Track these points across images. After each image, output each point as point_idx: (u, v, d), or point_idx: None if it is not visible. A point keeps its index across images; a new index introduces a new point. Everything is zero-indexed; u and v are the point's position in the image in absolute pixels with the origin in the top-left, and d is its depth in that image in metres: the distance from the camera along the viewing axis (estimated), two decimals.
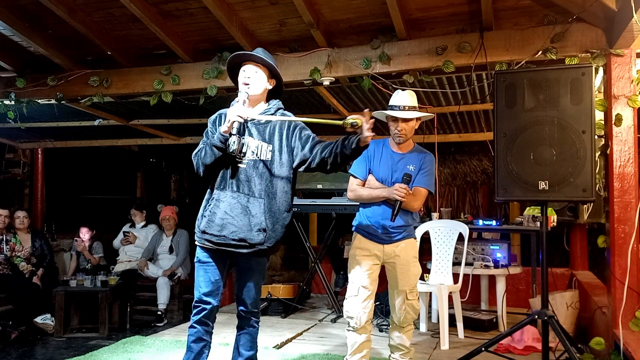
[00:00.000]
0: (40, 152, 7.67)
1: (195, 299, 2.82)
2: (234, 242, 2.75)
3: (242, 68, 2.86)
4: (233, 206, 2.75)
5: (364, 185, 3.25)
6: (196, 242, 2.86)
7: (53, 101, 4.85)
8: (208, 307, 2.79)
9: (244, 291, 2.87)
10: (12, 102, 4.88)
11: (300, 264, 7.36)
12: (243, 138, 2.83)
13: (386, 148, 3.28)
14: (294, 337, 4.45)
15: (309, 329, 4.76)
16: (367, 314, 3.20)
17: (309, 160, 2.78)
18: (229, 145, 2.79)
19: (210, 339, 2.86)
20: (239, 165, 2.77)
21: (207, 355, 2.86)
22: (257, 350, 2.97)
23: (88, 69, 4.72)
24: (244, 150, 2.80)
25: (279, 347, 4.13)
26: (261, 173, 2.79)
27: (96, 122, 6.04)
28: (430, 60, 3.87)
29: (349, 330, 3.24)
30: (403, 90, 3.26)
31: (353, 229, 3.34)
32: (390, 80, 4.10)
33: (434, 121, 5.46)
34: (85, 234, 6.22)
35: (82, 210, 8.70)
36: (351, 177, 3.29)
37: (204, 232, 2.79)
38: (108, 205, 8.89)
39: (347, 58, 4.07)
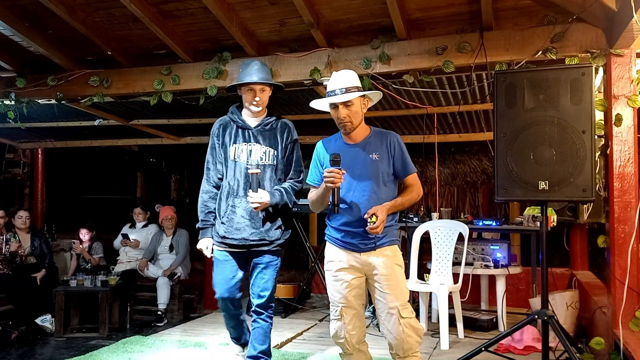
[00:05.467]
0: (40, 152, 7.67)
1: (216, 296, 3.12)
2: (254, 242, 3.03)
3: (248, 87, 3.05)
4: (249, 210, 3.02)
5: None
6: (215, 247, 3.11)
7: (53, 101, 4.85)
8: (228, 300, 3.08)
9: (260, 286, 3.08)
10: (12, 102, 4.88)
11: (300, 264, 7.37)
12: (250, 145, 3.07)
13: (338, 142, 2.83)
14: (294, 337, 4.45)
15: (309, 329, 4.76)
16: (357, 335, 2.77)
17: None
18: (238, 154, 3.08)
19: (242, 315, 3.20)
20: (250, 171, 2.99)
21: (245, 320, 3.25)
22: (270, 344, 3.17)
23: (88, 69, 4.71)
24: (251, 157, 3.05)
25: (279, 347, 4.13)
26: (270, 176, 3.08)
27: (96, 122, 6.04)
28: (430, 60, 3.87)
29: (342, 354, 2.86)
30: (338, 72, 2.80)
31: (325, 237, 2.89)
32: (390, 80, 4.10)
33: (434, 121, 5.47)
34: (85, 235, 6.22)
35: (82, 210, 8.70)
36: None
37: (224, 237, 3.05)
38: (108, 205, 8.90)
39: (347, 58, 4.06)
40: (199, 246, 3.15)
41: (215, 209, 3.13)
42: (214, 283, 3.13)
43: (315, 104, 2.84)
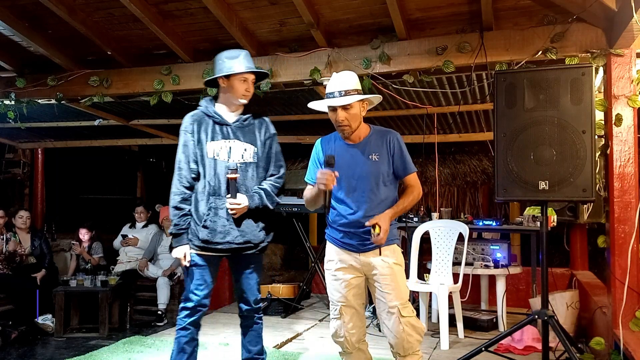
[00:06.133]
0: (40, 152, 7.68)
1: (192, 301, 2.86)
2: (239, 246, 2.87)
3: (243, 77, 2.90)
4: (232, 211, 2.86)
5: None
6: (193, 251, 2.87)
7: (53, 101, 4.85)
8: (204, 309, 2.91)
9: (248, 290, 2.98)
10: (12, 102, 4.88)
11: (300, 264, 7.36)
12: (230, 142, 2.91)
13: (338, 142, 2.79)
14: (294, 337, 4.44)
15: (309, 329, 4.75)
16: (357, 334, 2.76)
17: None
18: (218, 152, 2.91)
19: (198, 337, 2.97)
20: (228, 176, 2.84)
21: (197, 353, 2.99)
22: (262, 344, 3.10)
23: (88, 69, 4.72)
24: (232, 155, 2.89)
25: (279, 347, 4.13)
26: (251, 175, 2.93)
27: (96, 122, 6.05)
28: (430, 60, 3.87)
29: (342, 353, 2.85)
30: (338, 73, 2.76)
31: (325, 236, 2.90)
32: (390, 80, 4.10)
33: (434, 121, 5.47)
34: (84, 234, 6.22)
35: (82, 210, 8.70)
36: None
37: (207, 241, 2.84)
38: (108, 205, 8.89)
39: (347, 58, 4.07)
40: (174, 254, 2.90)
41: (190, 210, 2.89)
42: (191, 290, 2.85)
43: (314, 105, 2.78)
